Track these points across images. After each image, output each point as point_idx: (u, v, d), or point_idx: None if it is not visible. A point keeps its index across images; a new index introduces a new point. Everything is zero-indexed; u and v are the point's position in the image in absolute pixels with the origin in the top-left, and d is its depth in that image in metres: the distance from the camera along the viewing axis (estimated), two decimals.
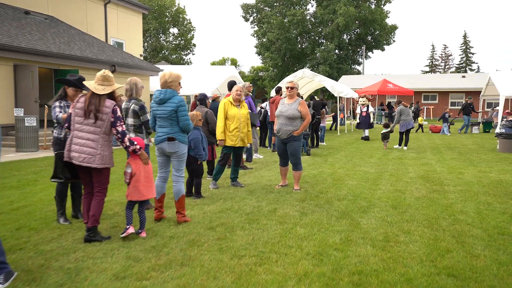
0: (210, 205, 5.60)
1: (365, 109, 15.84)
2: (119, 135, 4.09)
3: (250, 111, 8.81)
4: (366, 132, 16.07)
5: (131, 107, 5.24)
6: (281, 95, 11.66)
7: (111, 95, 4.17)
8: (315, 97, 15.12)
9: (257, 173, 8.29)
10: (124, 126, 4.15)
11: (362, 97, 16.25)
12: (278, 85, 21.36)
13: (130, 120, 5.26)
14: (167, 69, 7.28)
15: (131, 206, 4.37)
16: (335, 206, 5.55)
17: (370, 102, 16.80)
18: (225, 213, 5.19)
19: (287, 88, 6.61)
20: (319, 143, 13.84)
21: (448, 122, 19.66)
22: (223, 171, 6.85)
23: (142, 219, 4.39)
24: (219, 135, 6.60)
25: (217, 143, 6.76)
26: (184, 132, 4.73)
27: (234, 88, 6.73)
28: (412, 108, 24.52)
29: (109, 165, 4.15)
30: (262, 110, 13.10)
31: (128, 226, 4.27)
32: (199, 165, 5.87)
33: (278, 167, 7.22)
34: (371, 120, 16.11)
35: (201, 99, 7.50)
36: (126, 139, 4.13)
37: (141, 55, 26.01)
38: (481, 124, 21.29)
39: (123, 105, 5.36)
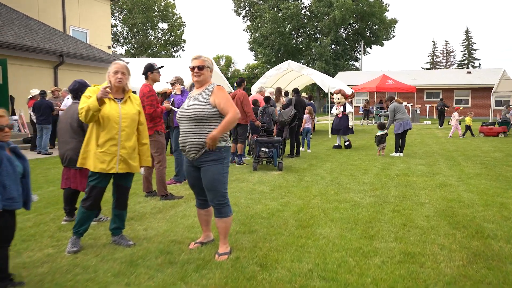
0: None
1: (341, 109, 12.07)
2: None
3: (173, 108, 5.81)
4: (339, 140, 12.19)
5: None
6: (244, 88, 8.60)
7: None
8: (302, 93, 11.67)
9: (181, 209, 5.20)
10: None
11: (337, 93, 12.34)
12: (260, 79, 18.50)
13: None
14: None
15: None
16: None
17: (348, 100, 12.87)
18: None
19: (191, 68, 3.54)
20: (301, 149, 10.82)
21: None
22: (92, 218, 3.80)
23: None
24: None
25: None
26: None
27: (112, 67, 3.68)
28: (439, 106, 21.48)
29: None
30: None
31: None
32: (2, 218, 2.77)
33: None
34: (350, 123, 12.04)
35: (74, 90, 4.42)
36: None
37: (109, 47, 22.93)
38: (496, 125, 18.30)
39: None
